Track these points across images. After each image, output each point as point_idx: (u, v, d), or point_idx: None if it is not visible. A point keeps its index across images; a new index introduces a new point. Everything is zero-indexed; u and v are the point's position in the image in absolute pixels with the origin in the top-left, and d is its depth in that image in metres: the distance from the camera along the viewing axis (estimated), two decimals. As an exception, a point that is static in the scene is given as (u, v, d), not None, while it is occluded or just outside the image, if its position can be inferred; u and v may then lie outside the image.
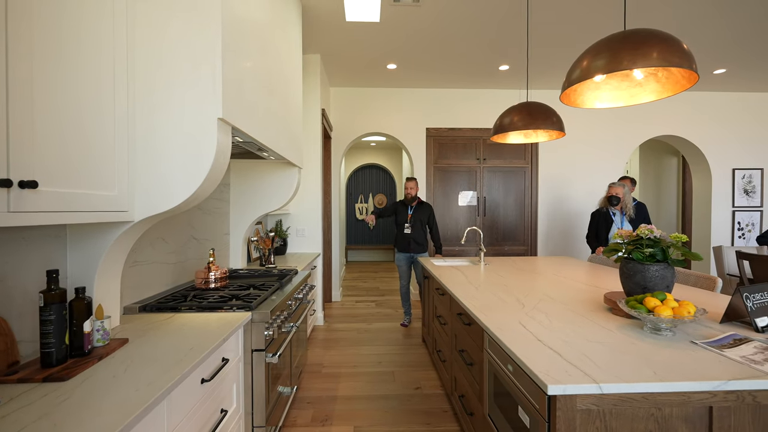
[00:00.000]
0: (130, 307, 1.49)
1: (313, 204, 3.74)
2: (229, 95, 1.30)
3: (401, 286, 3.71)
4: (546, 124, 2.31)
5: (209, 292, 1.76)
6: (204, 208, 2.20)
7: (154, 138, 1.23)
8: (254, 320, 1.51)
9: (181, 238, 1.93)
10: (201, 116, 1.23)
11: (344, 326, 3.64)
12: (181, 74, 1.22)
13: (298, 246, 3.71)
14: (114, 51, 1.11)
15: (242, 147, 1.97)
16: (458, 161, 4.72)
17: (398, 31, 3.20)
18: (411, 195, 3.61)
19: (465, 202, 4.74)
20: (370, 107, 4.67)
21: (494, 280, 2.21)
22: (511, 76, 4.28)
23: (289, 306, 1.97)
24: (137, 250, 1.57)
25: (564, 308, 1.55)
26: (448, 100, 4.73)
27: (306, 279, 2.45)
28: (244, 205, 2.62)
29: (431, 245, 4.11)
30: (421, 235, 3.63)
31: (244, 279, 2.16)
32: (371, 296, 4.90)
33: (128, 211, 1.19)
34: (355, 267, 7.42)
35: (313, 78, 3.68)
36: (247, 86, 1.53)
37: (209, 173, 1.24)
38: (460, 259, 3.19)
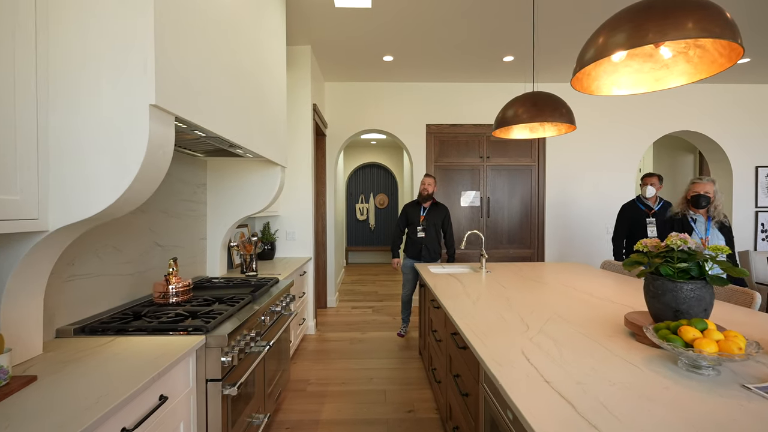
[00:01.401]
0: (65, 329, 1.28)
1: (304, 205, 3.52)
2: (168, 79, 1.07)
3: (404, 294, 3.45)
4: (554, 117, 2.05)
5: (167, 308, 1.54)
6: (170, 211, 1.98)
7: (72, 130, 1.00)
8: (209, 345, 1.29)
9: (141, 246, 1.72)
10: (128, 102, 1.00)
11: (337, 336, 3.41)
12: (106, 52, 1.00)
13: (288, 250, 3.50)
14: (15, 18, 0.90)
15: (212, 144, 1.75)
16: (460, 159, 4.47)
17: (392, 18, 2.96)
18: (426, 193, 3.30)
19: (467, 203, 4.48)
20: (367, 103, 4.43)
21: (496, 291, 1.96)
22: (517, 68, 4.02)
23: (262, 322, 1.74)
24: (77, 261, 1.35)
25: (576, 332, 1.30)
26: (449, 94, 4.47)
27: (287, 288, 2.22)
28: (223, 207, 2.40)
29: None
30: (434, 241, 3.32)
31: (213, 290, 1.94)
32: (369, 301, 4.67)
33: (39, 219, 0.97)
34: (356, 269, 7.20)
35: (303, 71, 3.46)
36: (201, 73, 1.30)
37: (140, 172, 1.02)
38: (459, 265, 2.94)
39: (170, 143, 1.11)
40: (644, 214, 3.09)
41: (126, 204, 1.06)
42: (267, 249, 3.19)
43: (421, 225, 3.33)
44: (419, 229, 3.33)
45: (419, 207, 3.41)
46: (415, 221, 3.37)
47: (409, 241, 3.40)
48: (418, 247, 3.33)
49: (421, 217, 3.35)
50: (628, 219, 3.16)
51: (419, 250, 3.32)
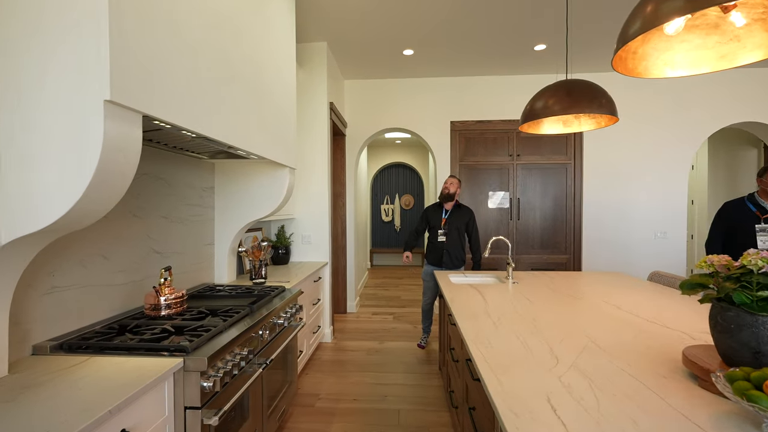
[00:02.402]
0: (42, 345, 1.19)
1: (320, 208, 3.39)
2: (130, 70, 0.94)
3: (424, 302, 3.24)
4: (591, 108, 1.78)
5: (156, 322, 1.44)
6: (172, 217, 1.90)
7: (23, 131, 0.90)
8: (188, 368, 1.16)
9: (135, 253, 1.64)
10: (78, 98, 0.88)
11: (353, 344, 3.26)
12: (51, 31, 0.88)
13: (304, 254, 3.38)
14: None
15: (211, 145, 1.64)
16: (488, 158, 4.19)
17: (413, 9, 2.76)
18: (447, 192, 3.06)
19: (495, 204, 4.19)
20: (388, 101, 4.25)
21: (522, 308, 1.72)
22: (550, 57, 3.69)
23: (260, 337, 1.61)
24: (57, 272, 1.27)
25: (619, 369, 1.05)
26: (475, 89, 4.20)
27: (295, 298, 2.09)
28: (230, 211, 2.31)
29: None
30: (458, 246, 3.08)
31: (212, 300, 1.83)
32: (390, 307, 4.49)
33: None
34: (380, 272, 7.04)
35: (319, 68, 3.33)
36: (178, 66, 1.17)
37: (95, 180, 0.89)
38: (484, 273, 2.69)
39: (134, 145, 0.98)
40: (754, 217, 2.51)
41: (84, 215, 0.94)
42: (282, 253, 3.09)
43: (442, 228, 3.10)
44: (440, 232, 3.10)
45: (441, 209, 3.18)
46: (437, 224, 3.14)
47: (430, 246, 3.17)
48: (439, 253, 3.10)
49: (443, 220, 3.12)
50: (731, 222, 2.59)
51: (440, 255, 3.09)
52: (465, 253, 3.17)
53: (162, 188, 1.82)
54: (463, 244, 3.14)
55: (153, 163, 1.75)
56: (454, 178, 3.13)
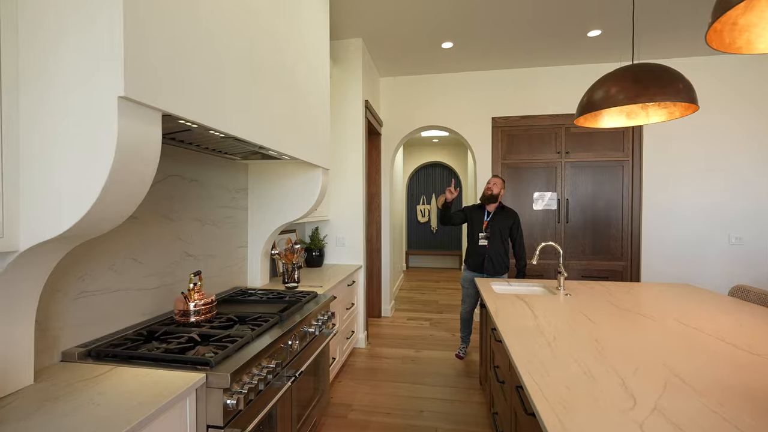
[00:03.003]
0: (71, 351, 1.17)
1: (354, 209, 3.30)
2: (146, 64, 0.87)
3: (463, 310, 3.05)
4: (665, 95, 1.52)
5: (183, 329, 1.39)
6: (205, 219, 1.87)
7: (40, 130, 0.85)
8: (210, 384, 1.08)
9: (168, 257, 1.61)
10: (92, 95, 0.82)
11: (388, 351, 3.13)
12: (70, 20, 0.83)
13: (338, 257, 3.31)
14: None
15: (242, 146, 1.59)
16: (533, 156, 3.90)
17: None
18: (490, 193, 2.83)
19: (541, 206, 3.89)
20: (425, 97, 4.09)
21: (579, 326, 1.50)
22: (606, 44, 3.35)
23: (289, 347, 1.52)
24: (87, 276, 1.25)
25: (718, 416, 0.84)
26: (519, 82, 3.92)
27: (327, 304, 2.00)
28: (263, 213, 2.27)
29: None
30: (500, 251, 2.86)
31: (243, 306, 1.78)
32: (427, 312, 4.32)
33: (4, 237, 0.83)
34: (416, 274, 6.88)
35: (353, 66, 3.24)
36: (200, 60, 1.10)
37: (109, 183, 0.83)
38: (530, 282, 2.46)
39: (153, 146, 0.91)
40: None
41: (101, 221, 0.88)
42: (315, 256, 3.03)
43: (483, 232, 2.89)
44: (481, 236, 2.89)
45: (482, 211, 2.97)
46: (477, 227, 2.93)
47: (470, 251, 2.97)
48: (480, 258, 2.89)
49: (484, 223, 2.91)
50: None
51: (481, 261, 2.89)
52: (509, 259, 2.94)
53: (195, 190, 1.79)
54: (507, 249, 2.92)
55: (185, 164, 1.72)
56: (498, 178, 2.91)
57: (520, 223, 2.91)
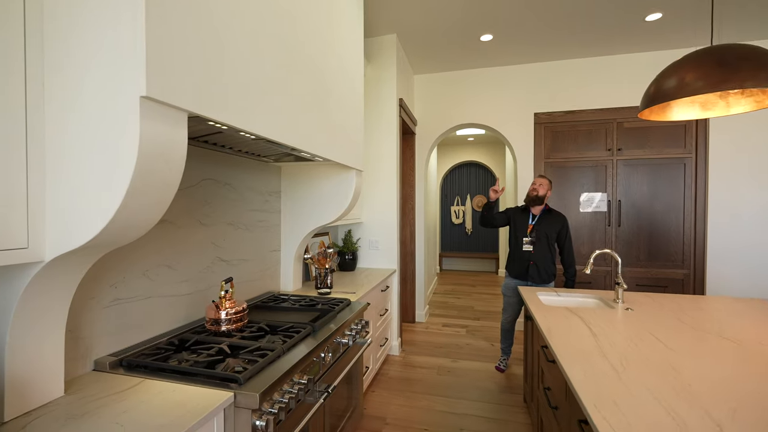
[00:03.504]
0: (103, 360, 1.14)
1: (388, 212, 3.19)
2: (171, 62, 0.80)
3: (504, 319, 2.85)
4: (759, 80, 1.29)
5: (214, 338, 1.34)
6: (238, 223, 1.83)
7: (64, 135, 0.81)
8: (239, 404, 1.01)
9: (201, 262, 1.58)
10: (114, 96, 0.76)
11: (423, 360, 3.00)
12: (96, 27, 0.77)
13: (371, 260, 3.22)
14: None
15: (274, 148, 1.53)
16: (580, 153, 3.61)
17: (492, -16, 2.42)
18: (535, 195, 2.63)
19: (590, 208, 3.60)
20: (462, 94, 3.91)
21: (650, 350, 1.30)
22: (667, 29, 3.03)
23: (321, 360, 1.44)
24: (120, 283, 1.22)
25: None
26: (564, 75, 3.65)
27: (361, 312, 1.90)
28: (296, 216, 2.21)
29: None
30: (547, 258, 2.65)
31: (275, 313, 1.71)
32: (463, 319, 4.13)
33: (29, 247, 0.80)
34: (450, 277, 6.67)
35: (387, 63, 3.13)
36: (233, 57, 1.03)
37: (132, 189, 0.77)
38: (582, 293, 2.24)
39: (178, 149, 0.85)
40: None
41: (126, 229, 0.83)
42: (348, 259, 2.96)
43: (528, 236, 2.69)
44: (526, 241, 2.68)
45: (527, 213, 2.76)
46: (522, 231, 2.73)
47: (513, 256, 2.77)
48: (524, 264, 2.69)
49: (529, 227, 2.70)
50: None
51: (525, 268, 2.68)
52: (555, 266, 2.72)
53: (228, 194, 1.76)
54: (554, 255, 2.70)
55: (218, 167, 1.69)
56: (544, 178, 2.70)
57: (569, 228, 2.68)
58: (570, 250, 2.67)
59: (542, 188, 2.65)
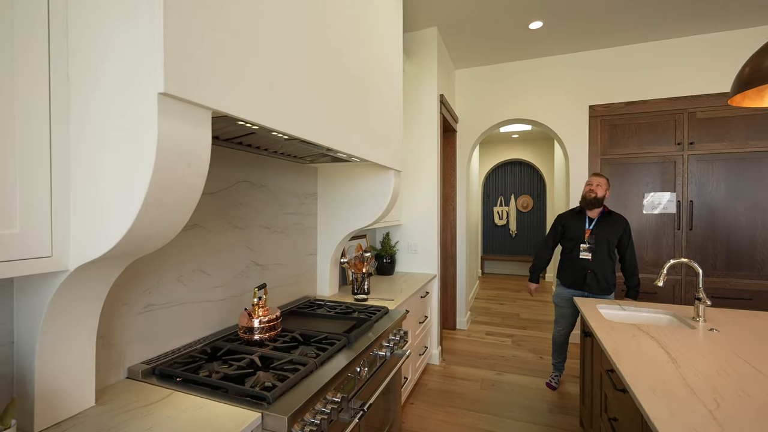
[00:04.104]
0: (135, 368, 1.12)
1: (427, 214, 3.05)
2: (191, 56, 0.73)
3: (556, 332, 2.62)
4: None
5: (248, 347, 1.28)
6: (273, 226, 1.79)
7: (88, 135, 0.76)
8: (266, 426, 0.93)
9: (235, 267, 1.54)
10: (134, 93, 0.70)
11: (464, 372, 2.82)
12: (112, 19, 0.72)
13: (410, 264, 3.09)
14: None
15: (309, 149, 1.46)
16: (643, 149, 3.25)
17: (544, -36, 2.21)
18: (593, 196, 2.39)
19: (656, 209, 3.22)
20: (507, 88, 3.67)
21: (747, 381, 1.07)
22: (752, 2, 2.62)
23: (356, 376, 1.34)
24: (153, 289, 1.20)
25: None
26: (624, 62, 3.30)
27: (399, 322, 1.79)
28: (332, 219, 2.14)
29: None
30: (607, 265, 2.39)
31: (310, 320, 1.64)
32: (508, 328, 3.89)
33: (53, 256, 0.76)
34: (492, 281, 6.37)
35: (428, 58, 2.99)
36: (262, 51, 0.95)
37: (150, 194, 0.71)
38: (650, 307, 1.97)
39: (201, 150, 0.78)
40: None
41: (149, 237, 0.77)
42: (387, 263, 2.85)
43: (586, 242, 2.43)
44: (584, 247, 2.43)
45: (582, 217, 2.51)
46: (577, 236, 2.48)
47: (568, 264, 2.52)
48: (580, 273, 2.44)
49: (587, 232, 2.45)
50: None
51: (582, 277, 2.43)
52: (615, 274, 2.44)
53: (263, 196, 1.72)
54: (614, 263, 2.42)
55: (253, 169, 1.65)
56: (601, 177, 2.43)
57: (631, 232, 2.40)
58: (633, 257, 2.39)
59: (600, 188, 2.39)
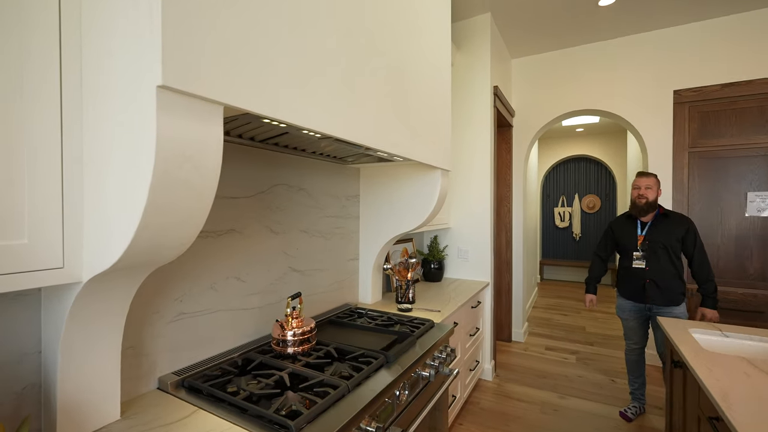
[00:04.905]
0: (165, 379, 1.08)
1: (480, 216, 2.81)
2: (196, 42, 0.64)
3: (628, 348, 2.30)
4: None
5: (279, 361, 1.20)
6: (312, 230, 1.71)
7: (99, 135, 0.71)
8: (289, 461, 0.83)
9: (271, 273, 1.48)
10: (131, 85, 0.62)
11: (522, 391, 2.55)
12: (121, 12, 0.65)
13: (460, 270, 2.87)
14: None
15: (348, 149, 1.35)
16: (745, 139, 2.72)
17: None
18: (643, 202, 2.12)
19: (763, 211, 2.68)
20: (571, 77, 3.30)
21: None
22: None
23: (396, 399, 1.20)
24: (186, 297, 1.16)
25: None
26: (719, 37, 2.79)
27: (446, 338, 1.62)
28: (375, 223, 2.02)
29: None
30: (669, 272, 2.09)
31: (348, 332, 1.53)
32: (571, 342, 3.50)
33: (64, 267, 0.72)
34: (552, 288, 5.87)
35: (480, 47, 2.76)
36: (285, 36, 0.85)
37: (151, 200, 0.63)
38: (762, 335, 1.58)
39: (210, 151, 0.69)
40: None
41: (157, 248, 0.70)
42: (434, 268, 2.68)
43: (639, 249, 2.13)
44: (636, 255, 2.15)
45: (634, 222, 2.21)
46: (629, 244, 2.19)
47: (623, 274, 2.25)
48: (637, 284, 2.16)
49: (639, 238, 2.13)
50: None
51: (640, 287, 2.15)
52: (684, 283, 2.10)
53: (302, 199, 1.64)
54: (680, 269, 2.08)
55: (290, 171, 1.58)
56: (650, 176, 2.14)
57: (696, 232, 2.07)
58: (703, 261, 2.04)
59: (651, 191, 2.12)
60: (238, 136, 1.23)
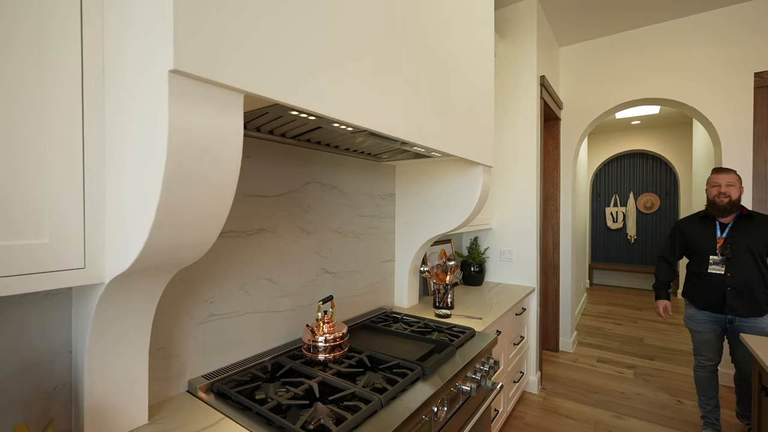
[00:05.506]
0: (195, 382, 1.06)
1: (525, 216, 2.62)
2: (210, 20, 0.58)
3: (699, 366, 2.04)
4: None
5: (308, 368, 1.14)
6: (345, 230, 1.64)
7: (117, 136, 0.67)
8: (314, 484, 0.75)
9: (303, 274, 1.43)
10: (145, 71, 0.57)
11: (571, 407, 2.33)
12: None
13: (502, 274, 2.70)
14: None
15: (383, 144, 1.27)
16: None
17: None
18: (725, 202, 1.86)
19: None
20: (626, 64, 2.99)
21: None
22: None
23: (433, 417, 1.09)
24: (216, 298, 1.13)
25: None
26: (820, 6, 2.39)
27: (489, 349, 1.48)
28: (412, 222, 1.92)
29: None
30: (756, 279, 1.83)
31: (381, 338, 1.45)
32: (627, 355, 3.18)
33: (85, 267, 0.69)
34: (604, 295, 5.44)
35: (526, 35, 2.56)
36: (312, 19, 0.77)
37: (165, 197, 0.57)
38: None
39: (229, 143, 0.62)
40: None
41: (174, 249, 0.65)
42: (474, 271, 2.53)
43: (717, 253, 1.88)
44: (714, 260, 1.89)
45: (710, 224, 1.95)
46: (705, 247, 1.93)
47: (697, 281, 1.98)
48: (715, 292, 1.90)
49: (719, 240, 1.88)
50: None
51: (720, 295, 1.89)
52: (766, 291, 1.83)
53: (335, 198, 1.58)
54: (766, 276, 1.79)
55: (323, 169, 1.52)
56: (731, 173, 1.88)
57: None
58: None
59: (734, 189, 1.86)
60: (268, 132, 1.18)
